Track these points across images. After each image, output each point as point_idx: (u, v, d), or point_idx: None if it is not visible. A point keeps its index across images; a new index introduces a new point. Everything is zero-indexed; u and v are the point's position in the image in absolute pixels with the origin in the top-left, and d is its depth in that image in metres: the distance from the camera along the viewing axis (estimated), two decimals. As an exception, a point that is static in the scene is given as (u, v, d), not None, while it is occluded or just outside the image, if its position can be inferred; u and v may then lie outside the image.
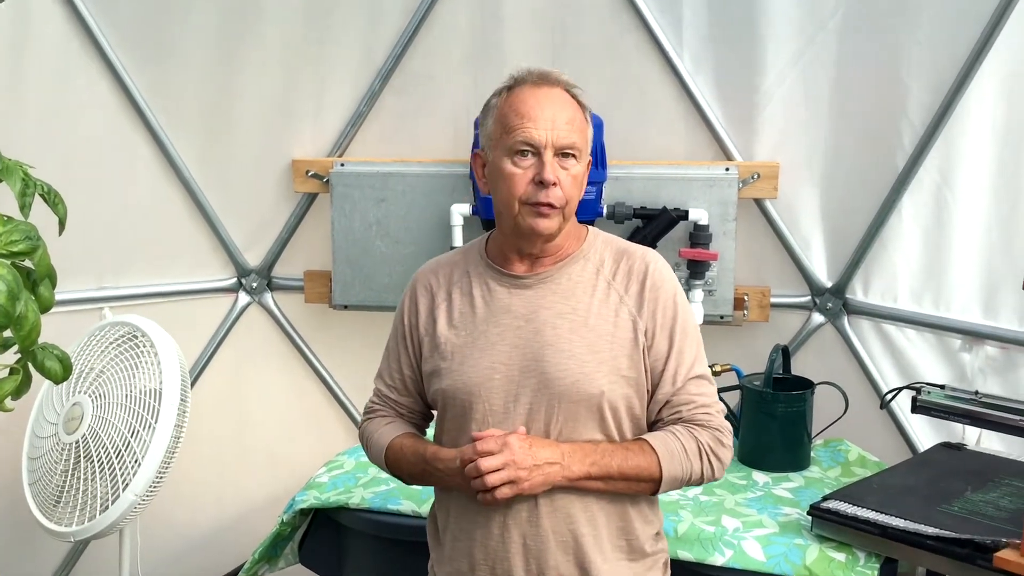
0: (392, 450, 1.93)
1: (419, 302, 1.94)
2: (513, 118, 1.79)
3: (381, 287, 3.15)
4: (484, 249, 1.93)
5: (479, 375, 1.82)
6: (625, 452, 1.79)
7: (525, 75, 1.84)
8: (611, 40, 3.01)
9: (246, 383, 3.33)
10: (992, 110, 2.66)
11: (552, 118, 1.78)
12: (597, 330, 1.81)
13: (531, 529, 1.80)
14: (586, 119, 1.84)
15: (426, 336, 1.91)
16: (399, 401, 2.00)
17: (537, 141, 1.77)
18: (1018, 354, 2.70)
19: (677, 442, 1.80)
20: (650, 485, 1.81)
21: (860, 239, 2.93)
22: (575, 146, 1.79)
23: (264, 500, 3.23)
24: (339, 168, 3.11)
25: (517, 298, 1.85)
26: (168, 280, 3.22)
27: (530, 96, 1.80)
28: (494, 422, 1.81)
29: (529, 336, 1.82)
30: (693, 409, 1.82)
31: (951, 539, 2.05)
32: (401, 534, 2.41)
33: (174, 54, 3.04)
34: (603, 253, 1.88)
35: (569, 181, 1.79)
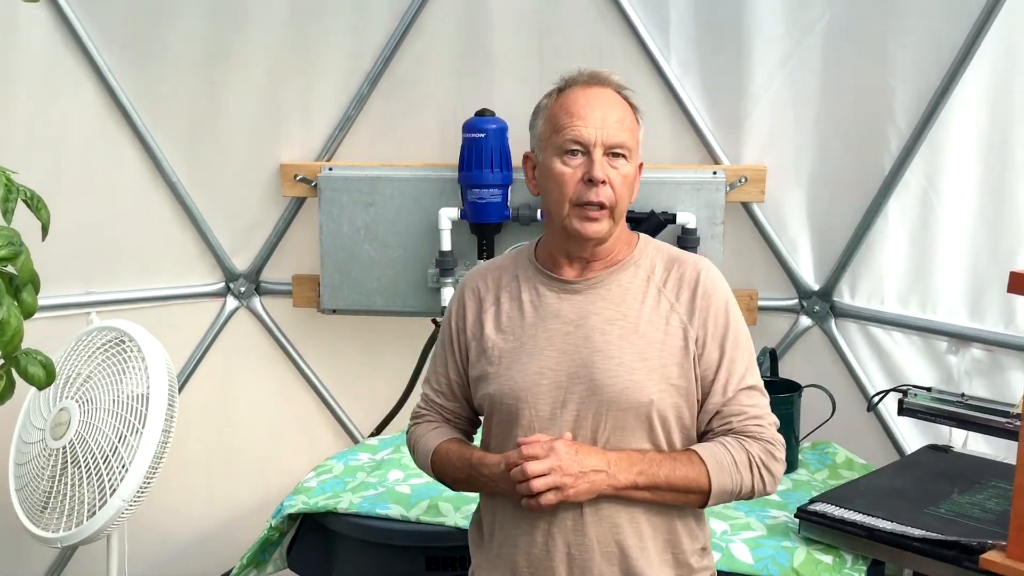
0: (438, 455, 1.91)
1: (467, 306, 1.91)
2: (563, 117, 1.78)
3: (369, 291, 3.15)
4: (534, 253, 1.91)
5: (527, 380, 1.80)
6: (673, 462, 1.75)
7: (576, 76, 1.83)
8: (598, 44, 3.02)
9: (234, 388, 3.32)
10: (977, 114, 2.67)
11: (602, 117, 1.76)
12: (647, 337, 1.78)
13: (576, 538, 1.77)
14: (637, 120, 1.82)
15: (473, 341, 1.89)
16: (445, 406, 1.97)
17: (586, 139, 1.75)
18: (1004, 356, 2.71)
19: (727, 454, 1.76)
20: (699, 497, 1.77)
21: (847, 242, 2.94)
22: (625, 145, 1.77)
23: (252, 505, 3.22)
24: (327, 172, 3.11)
25: (566, 303, 1.83)
26: (156, 285, 3.21)
27: (580, 96, 1.79)
28: (541, 428, 1.78)
29: (578, 342, 1.79)
30: (744, 420, 1.79)
31: (937, 541, 2.06)
32: (389, 539, 2.40)
33: (161, 58, 3.03)
34: (654, 259, 1.85)
35: (619, 180, 1.77)
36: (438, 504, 2.42)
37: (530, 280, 1.87)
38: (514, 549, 1.82)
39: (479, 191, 2.95)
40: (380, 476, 2.60)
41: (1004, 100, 2.63)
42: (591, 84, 1.81)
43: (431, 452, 1.92)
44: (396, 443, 2.85)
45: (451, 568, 2.37)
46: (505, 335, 1.85)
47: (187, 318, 3.26)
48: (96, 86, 3.00)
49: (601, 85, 1.81)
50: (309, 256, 3.22)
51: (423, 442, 1.96)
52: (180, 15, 2.98)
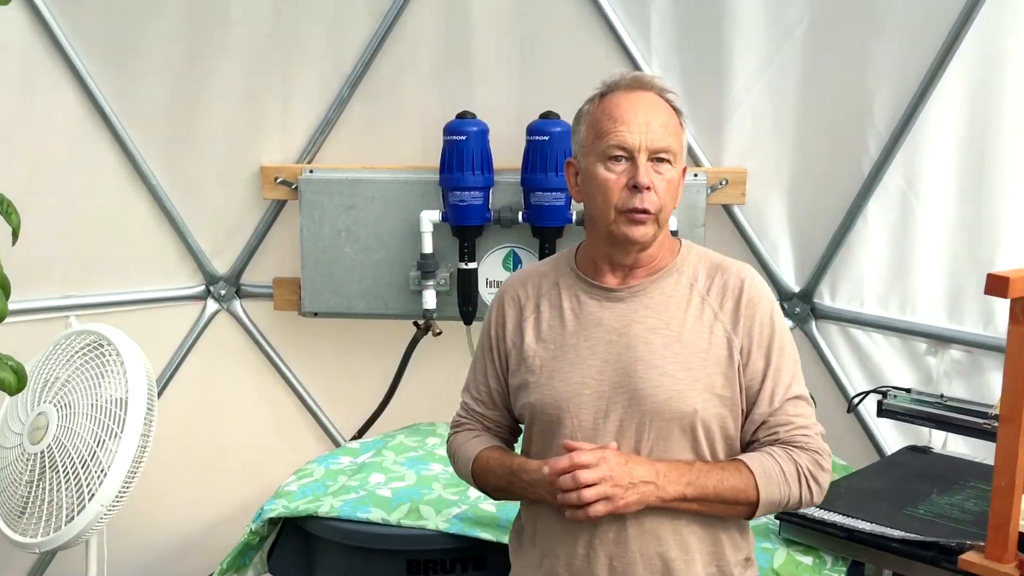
0: (479, 463, 1.89)
1: (507, 314, 1.89)
2: (606, 123, 1.75)
3: (351, 294, 3.14)
4: (574, 260, 1.88)
5: (568, 390, 1.78)
6: (721, 473, 1.72)
7: (618, 80, 1.80)
8: (580, 47, 3.03)
9: (215, 391, 3.31)
10: (956, 116, 2.69)
11: (646, 121, 1.73)
12: (691, 347, 1.76)
13: (618, 550, 1.75)
14: (680, 124, 1.80)
15: (513, 349, 1.86)
16: (485, 414, 1.95)
17: (631, 145, 1.73)
18: (983, 357, 2.72)
19: (775, 464, 1.73)
20: (746, 508, 1.74)
21: (827, 244, 2.96)
22: (670, 150, 1.74)
23: (233, 509, 3.20)
24: (308, 175, 3.10)
25: (608, 311, 1.80)
26: (135, 288, 3.19)
27: (623, 100, 1.76)
28: (583, 438, 1.75)
29: (621, 351, 1.77)
30: (792, 430, 1.76)
31: (916, 542, 2.07)
32: (370, 543, 2.39)
33: (140, 60, 3.01)
34: (697, 267, 1.83)
35: (664, 186, 1.74)
36: (419, 508, 2.42)
37: (571, 287, 1.85)
38: (555, 560, 1.81)
39: (460, 194, 2.95)
40: (361, 480, 2.59)
41: (982, 103, 2.65)
42: (634, 88, 1.78)
43: (472, 460, 1.90)
44: (378, 446, 2.84)
45: (432, 572, 2.37)
46: (546, 344, 1.82)
47: (167, 321, 3.25)
48: (74, 88, 2.98)
49: (644, 89, 1.78)
50: (290, 259, 3.21)
51: (463, 450, 1.94)
52: (159, 16, 2.96)
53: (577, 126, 1.84)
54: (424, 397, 3.29)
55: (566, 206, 2.94)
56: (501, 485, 1.87)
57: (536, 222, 2.98)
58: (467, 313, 3.08)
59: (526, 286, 1.90)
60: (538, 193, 2.93)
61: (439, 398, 3.27)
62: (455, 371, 3.19)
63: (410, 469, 2.65)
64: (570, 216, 2.96)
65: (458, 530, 2.36)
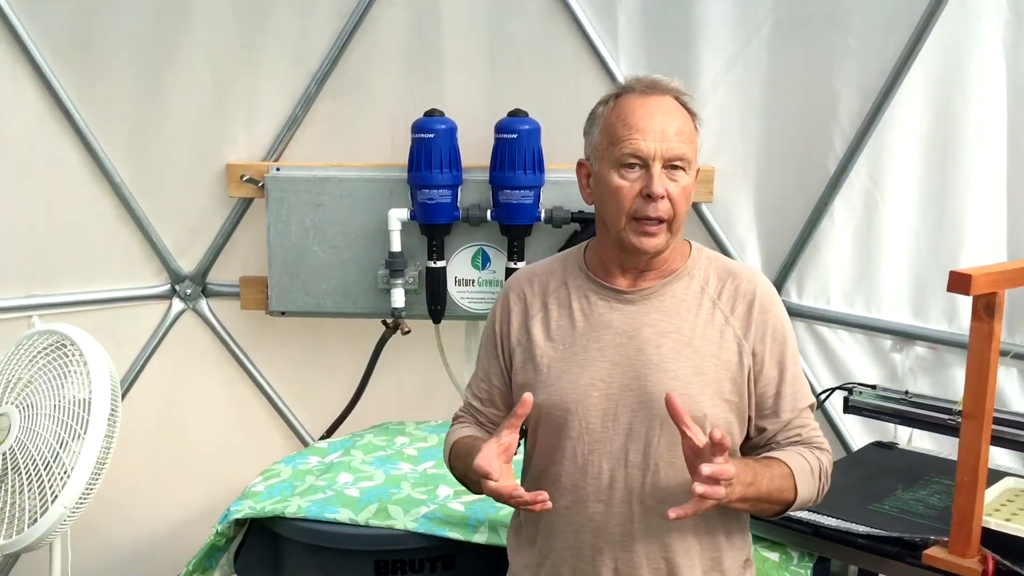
0: (453, 449, 1.87)
1: (512, 311, 1.86)
2: (620, 129, 1.71)
3: (319, 293, 3.12)
4: (583, 259, 1.86)
5: (577, 391, 1.76)
6: (771, 472, 1.69)
7: (633, 83, 1.76)
8: (548, 46, 3.03)
9: (181, 391, 3.28)
10: (919, 115, 2.72)
11: (661, 129, 1.69)
12: (701, 351, 1.74)
13: (624, 554, 1.74)
14: (696, 128, 1.76)
15: (518, 347, 1.84)
16: (483, 411, 1.93)
17: (645, 153, 1.69)
18: (947, 354, 2.76)
19: (806, 463, 1.73)
20: (782, 507, 1.73)
21: (794, 242, 2.98)
22: (684, 157, 1.71)
23: (200, 510, 3.17)
24: (275, 172, 3.08)
25: (619, 313, 1.78)
26: (99, 287, 3.15)
27: (639, 106, 1.72)
28: (591, 440, 1.74)
29: (631, 354, 1.75)
30: (810, 431, 1.78)
31: (881, 537, 2.09)
32: (338, 543, 2.38)
33: (103, 56, 2.97)
34: (708, 271, 1.81)
35: (678, 193, 1.71)
36: (388, 508, 2.40)
37: (580, 288, 1.82)
38: (559, 561, 1.80)
39: (429, 192, 2.94)
40: (329, 479, 2.58)
41: (946, 101, 2.68)
42: (649, 93, 1.74)
43: (450, 448, 1.89)
44: (346, 446, 2.83)
45: (400, 572, 2.35)
46: (554, 343, 1.80)
47: (132, 321, 3.21)
48: (36, 86, 2.93)
49: (660, 93, 1.74)
50: (257, 257, 3.18)
51: (447, 440, 1.92)
52: (123, 13, 2.93)
53: (590, 128, 1.80)
54: (393, 396, 3.28)
55: (535, 204, 2.94)
56: (464, 472, 1.82)
57: (505, 220, 2.97)
58: (436, 312, 3.08)
59: (532, 284, 1.87)
60: (506, 191, 2.92)
61: (408, 397, 3.30)
62: (424, 370, 3.23)
63: (378, 469, 2.64)
64: (539, 214, 2.96)
65: (427, 529, 2.35)
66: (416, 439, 2.86)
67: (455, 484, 2.49)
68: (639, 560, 1.74)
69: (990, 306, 1.87)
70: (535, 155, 2.90)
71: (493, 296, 3.08)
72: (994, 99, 2.58)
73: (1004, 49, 2.54)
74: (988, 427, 1.92)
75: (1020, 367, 2.61)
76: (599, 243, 1.84)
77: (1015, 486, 2.21)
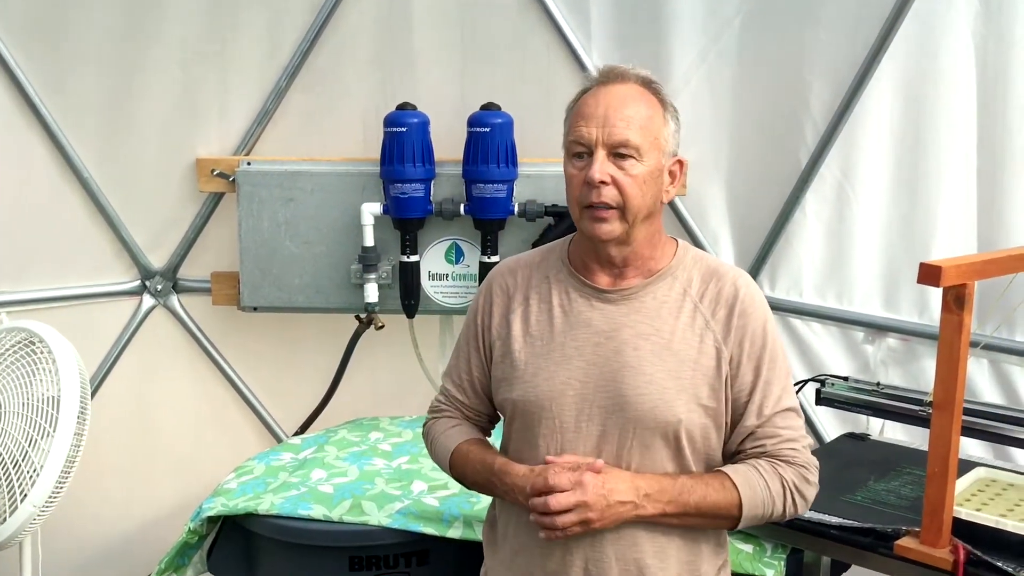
0: (458, 455, 1.86)
1: (494, 303, 1.86)
2: (573, 118, 1.73)
3: (291, 288, 3.10)
4: (567, 255, 1.84)
5: (552, 389, 1.75)
6: (705, 488, 1.70)
7: (598, 74, 1.76)
8: (520, 39, 3.02)
9: (152, 388, 3.25)
10: (890, 107, 2.73)
11: (605, 115, 1.69)
12: (680, 355, 1.72)
13: (594, 554, 1.73)
14: (665, 117, 1.73)
15: (498, 340, 1.83)
16: (465, 402, 1.92)
17: (587, 140, 1.69)
18: (918, 345, 2.78)
19: (760, 478, 1.71)
20: (728, 522, 1.74)
21: (766, 235, 2.99)
22: (629, 143, 1.68)
23: (172, 508, 3.15)
24: (245, 167, 3.05)
25: (598, 312, 1.76)
26: (68, 284, 3.12)
27: (593, 96, 1.72)
28: (564, 439, 1.74)
29: (608, 355, 1.73)
30: (779, 443, 1.74)
31: (853, 528, 2.10)
32: (311, 539, 2.37)
33: (71, 51, 2.93)
34: (692, 271, 1.78)
35: (627, 181, 1.68)
36: (361, 503, 2.39)
37: (562, 283, 1.81)
38: (530, 559, 1.79)
39: (401, 186, 2.93)
40: (302, 476, 2.56)
41: (917, 94, 2.69)
42: (608, 82, 1.74)
43: (450, 451, 1.87)
44: (320, 442, 2.81)
45: (375, 568, 2.35)
46: (533, 339, 1.79)
47: (102, 318, 3.18)
48: (2, 79, 2.89)
49: (618, 81, 1.73)
50: (228, 253, 3.16)
51: (442, 439, 1.91)
52: (91, 6, 2.89)
53: (564, 123, 1.80)
54: (367, 391, 3.27)
55: (508, 198, 2.94)
56: (479, 481, 1.84)
57: (478, 214, 2.96)
58: (409, 306, 3.06)
59: (515, 275, 1.86)
60: (480, 185, 2.92)
61: (382, 392, 3.29)
62: (398, 365, 3.22)
63: (352, 464, 2.63)
64: (512, 208, 2.95)
65: (401, 525, 2.34)
66: (390, 434, 2.85)
67: (430, 479, 2.51)
68: (609, 561, 1.74)
69: (960, 297, 1.88)
70: (508, 149, 2.89)
71: (467, 290, 3.07)
72: (964, 92, 2.59)
73: (974, 41, 2.55)
74: (958, 418, 1.93)
75: (990, 358, 2.63)
76: (578, 238, 1.83)
77: (985, 476, 2.23)
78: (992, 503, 2.09)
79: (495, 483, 1.79)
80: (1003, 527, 1.97)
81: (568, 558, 1.75)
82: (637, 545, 1.74)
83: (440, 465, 1.94)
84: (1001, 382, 2.65)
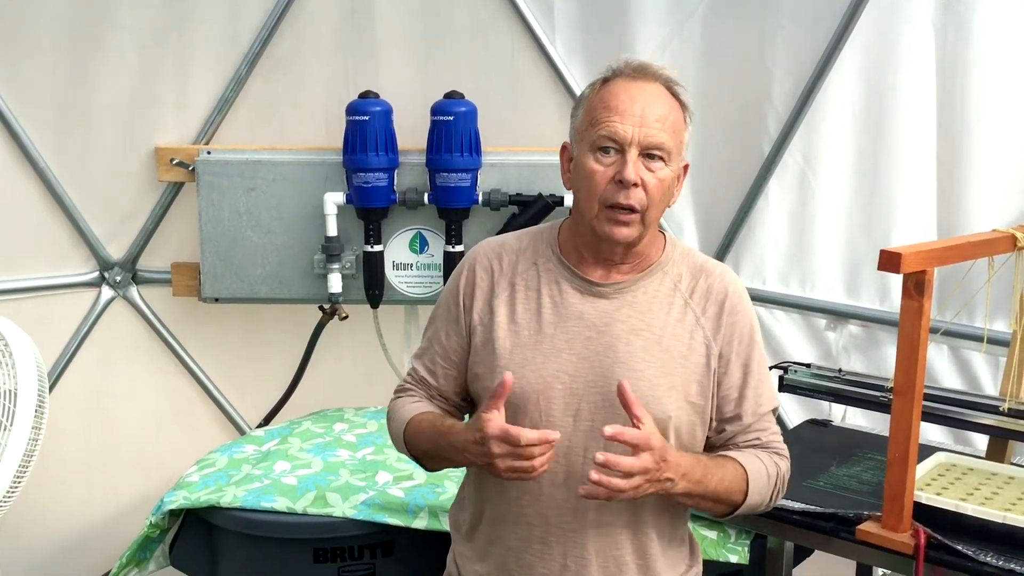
0: (411, 425, 1.78)
1: (477, 284, 1.78)
2: (601, 111, 1.66)
3: (253, 279, 3.07)
4: (556, 242, 1.79)
5: (540, 382, 1.70)
6: (723, 473, 1.68)
7: (623, 67, 1.69)
8: (484, 27, 3.01)
9: (112, 381, 3.21)
10: (851, 96, 2.74)
11: (641, 114, 1.64)
12: (671, 351, 1.71)
13: (574, 549, 1.72)
14: (685, 120, 1.71)
15: (479, 326, 1.77)
16: (434, 385, 1.84)
17: (621, 137, 1.63)
18: (879, 332, 2.81)
19: (764, 468, 1.72)
20: (727, 509, 1.72)
21: (730, 223, 3.00)
22: (663, 147, 1.65)
23: (133, 502, 3.12)
24: (205, 156, 3.01)
25: (590, 306, 1.72)
26: (24, 275, 3.07)
27: (622, 89, 1.66)
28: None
29: (600, 350, 1.70)
30: (771, 436, 1.77)
31: (815, 514, 2.12)
32: (275, 532, 2.34)
33: (25, 38, 2.88)
34: (681, 267, 1.76)
35: (654, 184, 1.65)
36: (326, 495, 2.38)
37: (551, 272, 1.76)
38: (506, 551, 1.76)
39: (364, 175, 2.90)
40: (266, 468, 2.54)
41: (877, 83, 2.71)
42: (636, 77, 1.68)
43: (405, 422, 1.80)
44: (284, 434, 2.79)
45: (339, 559, 2.33)
46: (518, 328, 1.74)
47: (60, 310, 3.13)
48: (-45, 68, 2.85)
49: (647, 79, 1.68)
50: (189, 243, 3.12)
51: (400, 413, 1.83)
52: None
53: (576, 110, 1.74)
54: (331, 382, 3.25)
55: (472, 187, 2.92)
56: (431, 450, 1.77)
57: (442, 203, 2.95)
58: (374, 296, 3.04)
59: (501, 259, 1.79)
60: (443, 174, 2.90)
61: (347, 383, 3.27)
62: (363, 356, 3.20)
63: (316, 456, 2.61)
64: (476, 197, 2.94)
65: (366, 516, 2.33)
66: (355, 425, 2.84)
67: (395, 470, 2.50)
68: (589, 557, 1.72)
69: (920, 284, 1.89)
70: (472, 137, 2.88)
71: (432, 280, 3.06)
72: (924, 81, 2.61)
73: (934, 30, 2.57)
74: (919, 403, 1.95)
75: (950, 344, 2.66)
76: (574, 229, 1.77)
77: (946, 461, 2.26)
78: (952, 487, 2.12)
79: (442, 446, 1.71)
80: (963, 511, 1.99)
81: (548, 552, 1.73)
82: (617, 542, 1.73)
83: (395, 441, 1.87)
84: (961, 368, 2.68)
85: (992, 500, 2.04)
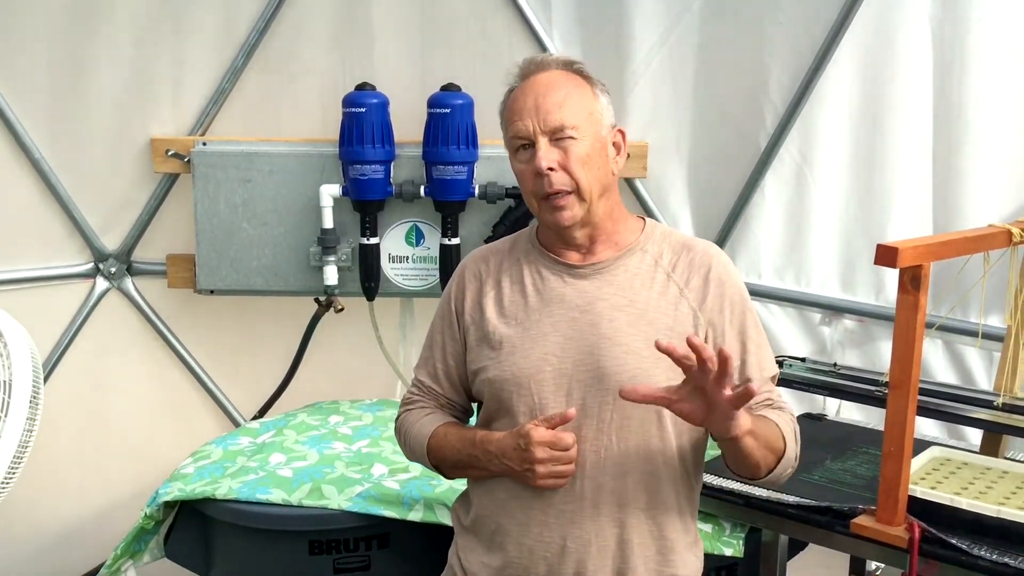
0: (435, 438, 1.82)
1: (467, 289, 1.85)
2: (508, 116, 1.75)
3: (249, 270, 3.06)
4: (535, 236, 1.84)
5: (530, 366, 1.74)
6: (765, 422, 1.69)
7: (519, 70, 1.77)
8: (481, 20, 3.00)
9: (106, 373, 3.20)
10: (848, 91, 2.74)
11: (535, 105, 1.70)
12: (656, 324, 1.72)
13: (574, 530, 1.73)
14: (594, 92, 1.75)
15: (472, 325, 1.82)
16: (440, 392, 1.90)
17: (526, 133, 1.71)
18: (874, 326, 2.81)
19: (789, 422, 1.75)
20: (774, 460, 1.71)
21: (726, 217, 3.00)
22: (565, 124, 1.70)
23: (128, 493, 3.12)
24: (201, 148, 3.00)
25: (571, 288, 1.77)
26: (20, 267, 3.06)
27: (520, 91, 1.74)
28: (542, 416, 1.71)
29: (584, 328, 1.73)
30: (778, 398, 1.80)
31: (811, 507, 2.12)
32: (270, 524, 2.34)
33: (20, 28, 2.87)
34: (662, 245, 1.80)
35: (573, 161, 1.69)
36: (321, 487, 2.38)
37: (533, 263, 1.81)
38: (505, 536, 1.78)
39: (361, 167, 2.90)
40: (261, 460, 2.54)
41: (874, 77, 2.71)
42: (531, 73, 1.75)
43: (427, 436, 1.84)
44: (279, 426, 2.79)
45: (335, 552, 2.33)
46: (507, 319, 1.78)
47: (55, 301, 3.13)
48: (-51, 59, 2.83)
49: (540, 70, 1.75)
50: (184, 234, 3.11)
51: (417, 427, 1.87)
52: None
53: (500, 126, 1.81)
54: (327, 375, 3.25)
55: (468, 180, 2.92)
56: (460, 459, 1.80)
57: (438, 196, 2.94)
58: (369, 289, 3.04)
59: (488, 261, 1.86)
60: (440, 167, 2.90)
61: (342, 376, 3.27)
62: (358, 348, 3.20)
63: (312, 448, 2.61)
64: (472, 190, 2.93)
65: (361, 508, 2.33)
66: (350, 418, 2.84)
67: (390, 462, 2.50)
68: (588, 537, 1.74)
69: (916, 278, 1.90)
70: (468, 130, 2.88)
71: (428, 273, 3.06)
72: (920, 75, 2.61)
73: (931, 25, 2.57)
74: (914, 398, 1.95)
75: (945, 339, 2.67)
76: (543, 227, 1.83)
77: (940, 455, 2.26)
78: (946, 482, 2.12)
79: (478, 456, 1.76)
80: (957, 505, 1.99)
81: (547, 534, 1.74)
82: (617, 522, 1.74)
83: (414, 454, 1.90)
84: (955, 363, 2.69)
85: (986, 494, 2.05)
